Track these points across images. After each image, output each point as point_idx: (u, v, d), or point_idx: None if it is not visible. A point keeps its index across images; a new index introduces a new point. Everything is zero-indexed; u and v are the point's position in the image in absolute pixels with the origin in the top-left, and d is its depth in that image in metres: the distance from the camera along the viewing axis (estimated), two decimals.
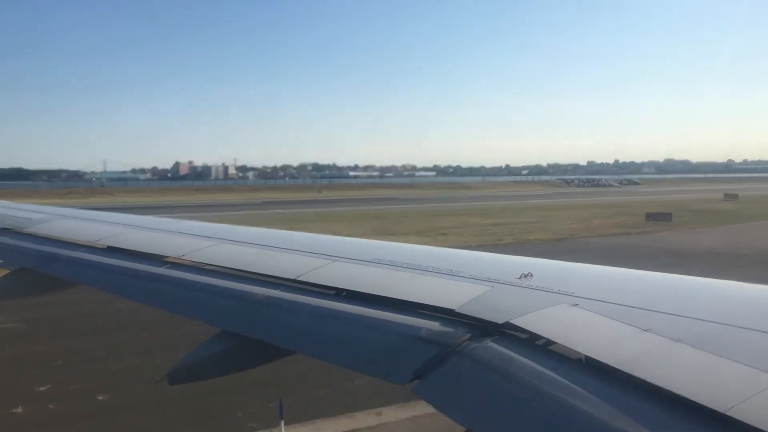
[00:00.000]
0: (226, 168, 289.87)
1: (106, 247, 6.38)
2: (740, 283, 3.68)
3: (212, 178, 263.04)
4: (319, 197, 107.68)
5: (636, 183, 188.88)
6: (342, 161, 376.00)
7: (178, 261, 5.60)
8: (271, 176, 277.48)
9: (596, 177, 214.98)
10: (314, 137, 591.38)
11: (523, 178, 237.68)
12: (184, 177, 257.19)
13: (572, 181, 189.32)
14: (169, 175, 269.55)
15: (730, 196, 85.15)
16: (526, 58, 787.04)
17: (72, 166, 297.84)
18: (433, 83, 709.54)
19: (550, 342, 3.12)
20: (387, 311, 3.85)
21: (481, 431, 2.76)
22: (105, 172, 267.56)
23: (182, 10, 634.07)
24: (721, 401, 2.28)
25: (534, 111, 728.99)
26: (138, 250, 6.09)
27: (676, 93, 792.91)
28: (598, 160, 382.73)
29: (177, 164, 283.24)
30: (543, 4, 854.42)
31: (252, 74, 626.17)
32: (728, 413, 2.20)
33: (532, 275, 3.95)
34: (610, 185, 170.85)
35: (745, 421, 2.15)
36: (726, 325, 2.96)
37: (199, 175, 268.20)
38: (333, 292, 4.40)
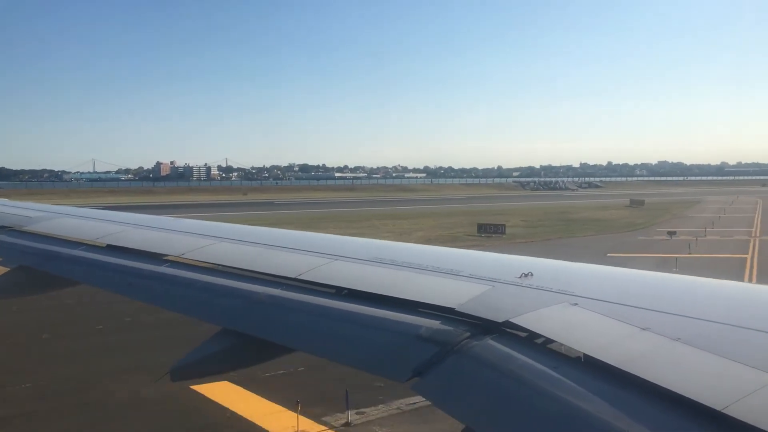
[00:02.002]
0: (208, 168, 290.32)
1: (105, 245, 6.31)
2: (738, 283, 3.74)
3: (194, 178, 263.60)
4: (243, 199, 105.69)
5: (597, 186, 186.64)
6: (336, 162, 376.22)
7: (178, 260, 5.55)
8: (255, 177, 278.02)
9: (554, 180, 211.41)
10: (310, 139, 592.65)
11: (475, 181, 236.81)
12: (166, 178, 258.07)
13: (527, 183, 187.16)
14: (150, 175, 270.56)
15: (635, 203, 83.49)
16: (521, 61, 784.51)
17: (62, 166, 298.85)
18: (429, 86, 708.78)
19: (549, 341, 3.13)
20: (387, 310, 3.85)
21: (480, 428, 2.78)
22: (85, 172, 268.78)
23: (176, 11, 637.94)
24: (718, 399, 2.31)
25: (528, 113, 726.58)
26: (138, 248, 6.02)
27: (671, 95, 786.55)
28: (592, 162, 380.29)
29: (158, 165, 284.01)
30: (537, 7, 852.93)
31: (248, 76, 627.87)
32: (725, 411, 2.24)
33: (532, 275, 3.95)
34: (567, 188, 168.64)
35: (741, 419, 2.18)
36: (724, 324, 2.98)
37: (181, 175, 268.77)
38: (333, 290, 4.38)
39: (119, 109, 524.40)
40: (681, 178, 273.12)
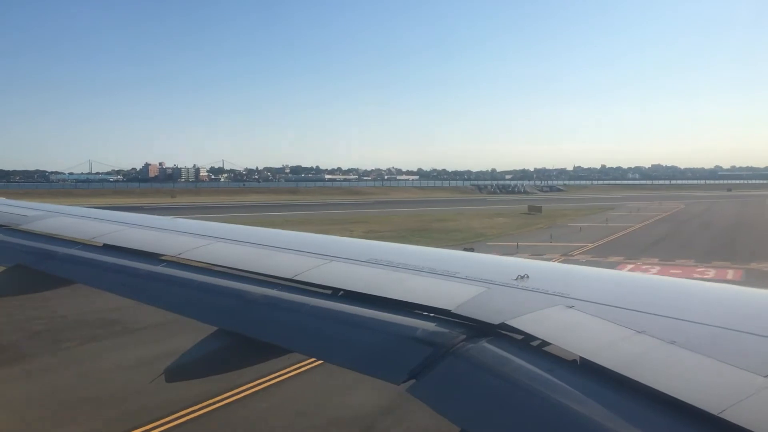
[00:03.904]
0: (197, 170, 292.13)
1: (102, 245, 6.32)
2: (735, 287, 3.77)
3: (182, 180, 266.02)
4: (171, 202, 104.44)
5: (559, 189, 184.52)
6: (332, 164, 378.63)
7: (174, 259, 5.56)
8: (244, 179, 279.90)
9: (512, 183, 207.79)
10: (308, 141, 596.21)
11: (428, 184, 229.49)
12: (154, 179, 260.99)
13: (485, 187, 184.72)
14: (139, 176, 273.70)
15: (533, 209, 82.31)
16: (517, 64, 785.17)
17: (60, 167, 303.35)
18: (427, 89, 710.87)
19: (545, 343, 3.14)
20: (383, 311, 3.85)
21: (476, 431, 2.76)
22: (77, 174, 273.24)
23: (175, 12, 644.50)
24: (714, 403, 2.30)
25: (524, 116, 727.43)
26: (134, 248, 6.04)
27: (667, 99, 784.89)
28: (586, 165, 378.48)
29: (146, 166, 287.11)
30: (533, 10, 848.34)
31: (247, 78, 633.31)
32: (721, 415, 2.24)
33: (528, 276, 3.97)
34: (526, 192, 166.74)
35: (737, 423, 2.19)
36: (720, 327, 2.99)
37: (169, 176, 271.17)
38: (329, 291, 4.39)
39: (118, 110, 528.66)
40: (666, 182, 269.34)
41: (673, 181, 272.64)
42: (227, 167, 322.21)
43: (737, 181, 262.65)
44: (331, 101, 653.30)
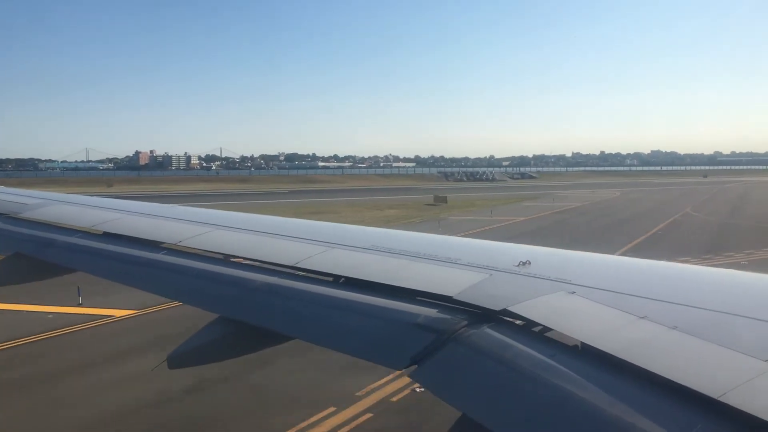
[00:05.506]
0: (188, 157, 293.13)
1: (102, 232, 6.29)
2: (736, 272, 3.76)
3: (173, 167, 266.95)
4: (103, 192, 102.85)
5: (532, 176, 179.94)
6: (329, 151, 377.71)
7: (175, 247, 5.54)
8: (238, 167, 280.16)
9: (481, 170, 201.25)
10: (306, 129, 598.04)
11: (394, 171, 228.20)
12: (144, 167, 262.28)
13: (451, 174, 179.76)
14: (130, 164, 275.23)
15: (438, 199, 79.68)
16: (516, 51, 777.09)
17: (56, 155, 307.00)
18: (425, 76, 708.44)
19: (546, 329, 3.15)
20: (385, 298, 3.85)
21: (477, 416, 2.77)
22: (71, 162, 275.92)
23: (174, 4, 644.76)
24: (714, 388, 2.32)
25: (523, 103, 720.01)
26: (135, 236, 6.01)
27: (666, 85, 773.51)
28: (585, 152, 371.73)
29: (137, 153, 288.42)
30: None
31: (248, 66, 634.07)
32: (721, 399, 2.25)
33: (530, 263, 3.97)
34: (495, 179, 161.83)
35: (737, 407, 2.20)
36: (721, 312, 3.01)
37: (160, 164, 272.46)
38: (331, 278, 4.39)
39: (116, 98, 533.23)
40: (657, 168, 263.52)
41: (664, 168, 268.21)
42: (225, 155, 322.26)
43: (734, 167, 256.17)
44: (332, 89, 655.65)
